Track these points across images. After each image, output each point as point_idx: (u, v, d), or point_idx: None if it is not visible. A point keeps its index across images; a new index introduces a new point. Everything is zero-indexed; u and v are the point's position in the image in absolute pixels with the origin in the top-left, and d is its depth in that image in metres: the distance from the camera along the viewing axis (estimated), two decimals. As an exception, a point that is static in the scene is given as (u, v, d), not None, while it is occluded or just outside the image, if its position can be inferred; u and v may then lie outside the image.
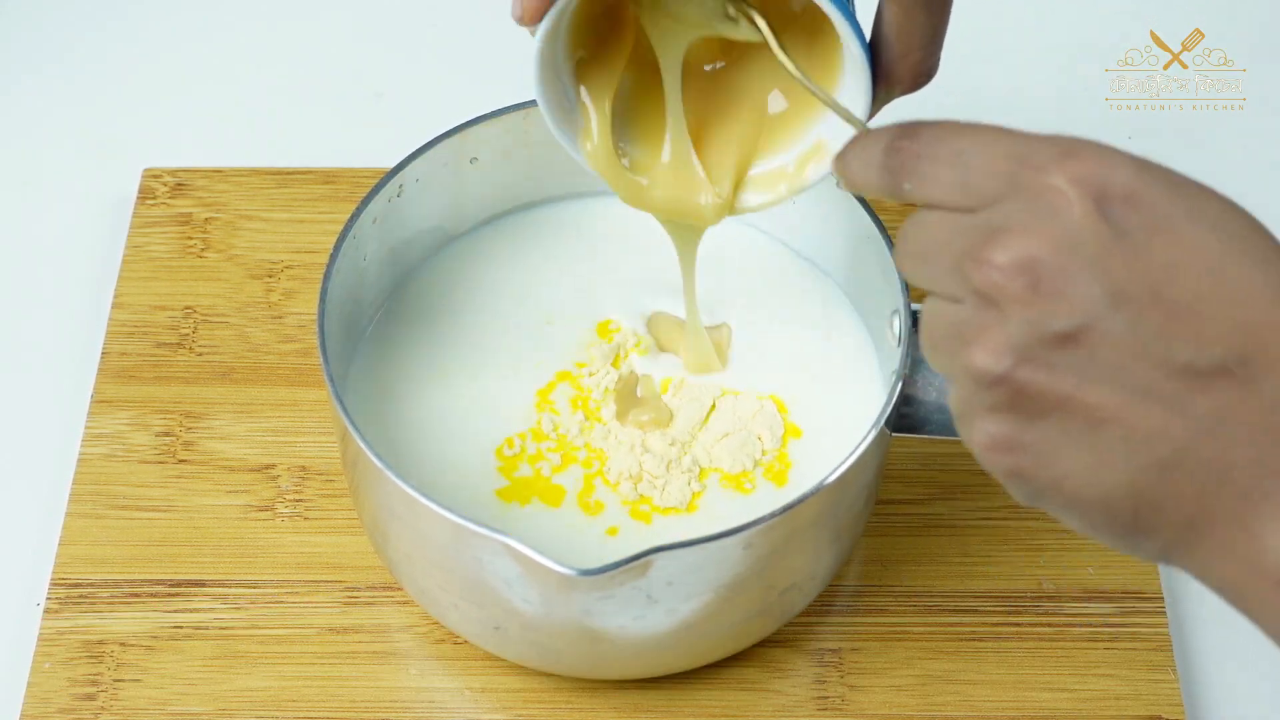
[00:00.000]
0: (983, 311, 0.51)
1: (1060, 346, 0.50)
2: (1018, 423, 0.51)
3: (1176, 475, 0.50)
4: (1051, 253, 0.49)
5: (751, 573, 0.69)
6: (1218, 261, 0.49)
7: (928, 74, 0.66)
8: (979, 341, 0.51)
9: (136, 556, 0.79)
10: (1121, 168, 0.50)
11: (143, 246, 0.90)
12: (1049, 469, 0.51)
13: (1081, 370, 0.50)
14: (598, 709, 0.75)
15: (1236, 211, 0.51)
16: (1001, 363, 0.50)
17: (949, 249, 0.52)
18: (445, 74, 1.00)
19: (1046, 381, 0.50)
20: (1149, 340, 0.49)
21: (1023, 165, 0.51)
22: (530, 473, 0.75)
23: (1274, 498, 0.49)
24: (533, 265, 0.83)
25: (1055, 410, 0.50)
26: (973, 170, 0.52)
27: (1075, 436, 0.50)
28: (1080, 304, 0.49)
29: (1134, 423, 0.49)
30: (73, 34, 1.02)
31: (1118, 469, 0.50)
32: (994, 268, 0.50)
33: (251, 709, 0.75)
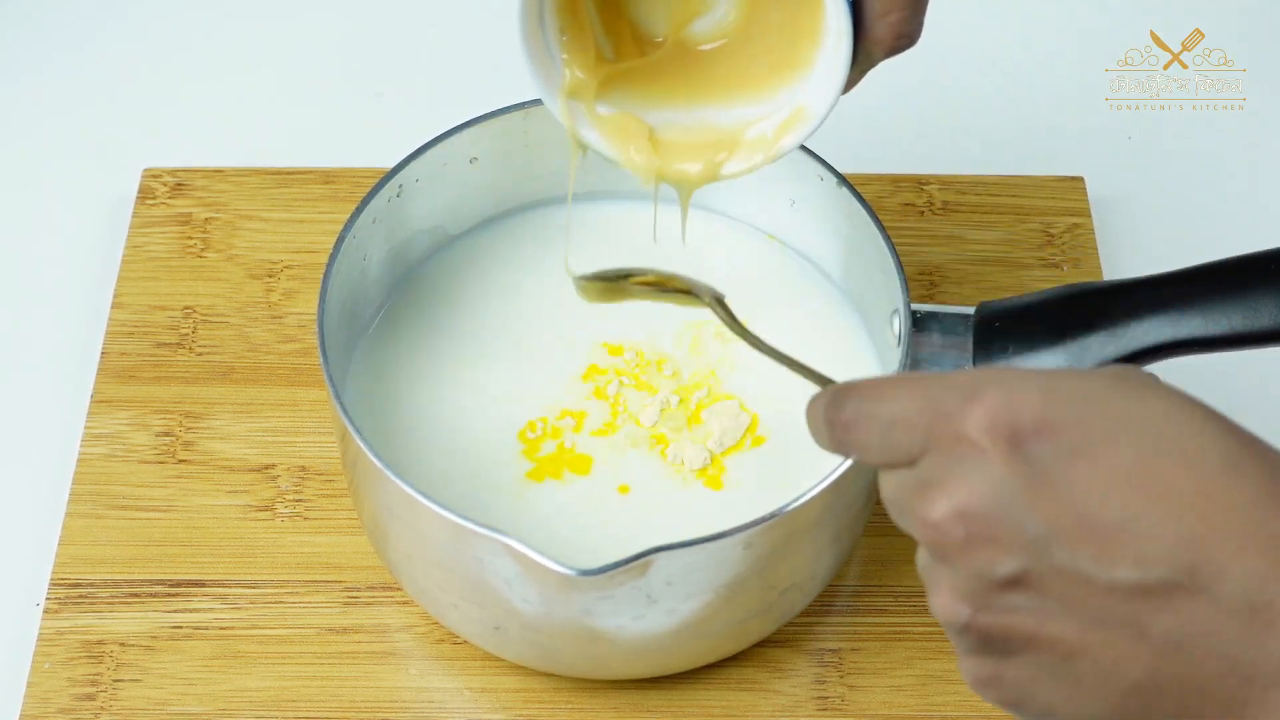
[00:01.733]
0: (937, 564, 0.52)
1: (1008, 590, 0.50)
2: (994, 662, 0.52)
3: (1155, 696, 0.49)
4: (978, 502, 0.50)
5: (751, 573, 0.69)
6: (1143, 475, 0.49)
7: (909, 37, 0.65)
8: (938, 593, 0.52)
9: (136, 556, 0.79)
10: (1028, 399, 0.50)
11: (142, 246, 0.90)
12: (1035, 700, 0.51)
13: (1036, 610, 0.50)
14: (598, 709, 0.75)
15: (1162, 403, 0.50)
16: (960, 613, 0.51)
17: (901, 506, 0.53)
18: (445, 74, 1.00)
19: (1006, 624, 0.51)
20: (1091, 570, 0.49)
21: (935, 418, 0.51)
22: (552, 448, 0.76)
23: (1251, 706, 0.48)
24: (533, 265, 0.83)
25: (1024, 649, 0.51)
26: (895, 431, 0.52)
27: (1050, 670, 0.51)
28: (1015, 548, 0.49)
29: (1099, 652, 0.50)
30: (73, 34, 1.02)
31: (1097, 696, 0.50)
32: (929, 525, 0.51)
33: (251, 709, 0.75)
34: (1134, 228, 0.93)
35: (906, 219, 0.91)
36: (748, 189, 0.82)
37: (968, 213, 0.92)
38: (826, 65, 0.66)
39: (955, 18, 0.66)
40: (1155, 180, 0.95)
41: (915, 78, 0.82)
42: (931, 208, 0.92)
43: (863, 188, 0.78)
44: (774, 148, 0.69)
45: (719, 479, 0.76)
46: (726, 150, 0.71)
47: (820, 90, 0.67)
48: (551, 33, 0.68)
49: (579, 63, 0.69)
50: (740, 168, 0.71)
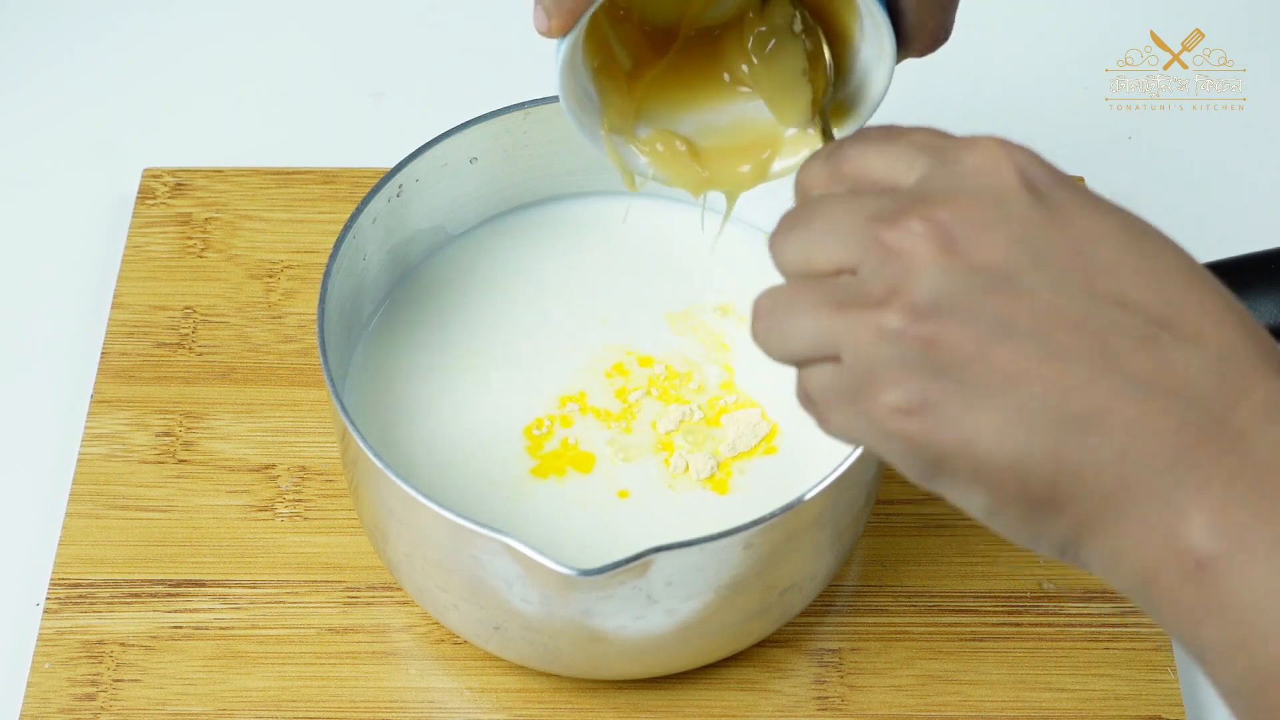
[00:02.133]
0: (887, 268, 0.49)
1: (976, 295, 0.48)
2: (927, 378, 0.48)
3: (1098, 438, 0.47)
4: (974, 211, 0.49)
5: (751, 573, 0.69)
6: (1139, 238, 0.49)
7: (944, 35, 0.65)
8: (886, 299, 0.49)
9: (136, 556, 0.79)
10: (1043, 160, 0.51)
11: (143, 246, 0.90)
12: (960, 428, 0.48)
13: (1000, 323, 0.48)
14: (598, 709, 0.75)
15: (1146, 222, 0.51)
16: (913, 312, 0.48)
17: (853, 218, 0.50)
18: (445, 74, 1.00)
19: (961, 332, 0.48)
20: (1071, 298, 0.48)
21: (951, 139, 0.51)
22: (556, 446, 0.76)
23: (1199, 468, 0.47)
24: (533, 265, 0.83)
25: (970, 363, 0.48)
26: (905, 144, 0.52)
27: (991, 392, 0.48)
28: (1001, 254, 0.48)
29: (1052, 378, 0.47)
30: (73, 34, 1.02)
31: (1033, 426, 0.47)
32: (907, 229, 0.49)
33: (251, 709, 0.75)
34: (1134, 228, 0.93)
35: (906, 219, 0.91)
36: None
37: (968, 213, 0.91)
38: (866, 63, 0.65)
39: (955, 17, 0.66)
40: (1155, 180, 0.96)
41: (915, 78, 0.82)
42: (931, 208, 0.92)
43: (863, 188, 0.78)
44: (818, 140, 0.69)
45: (725, 483, 0.76)
46: (769, 148, 0.70)
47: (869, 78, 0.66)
48: (584, 73, 0.67)
49: (613, 91, 0.68)
50: (789, 164, 0.70)
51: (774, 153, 0.70)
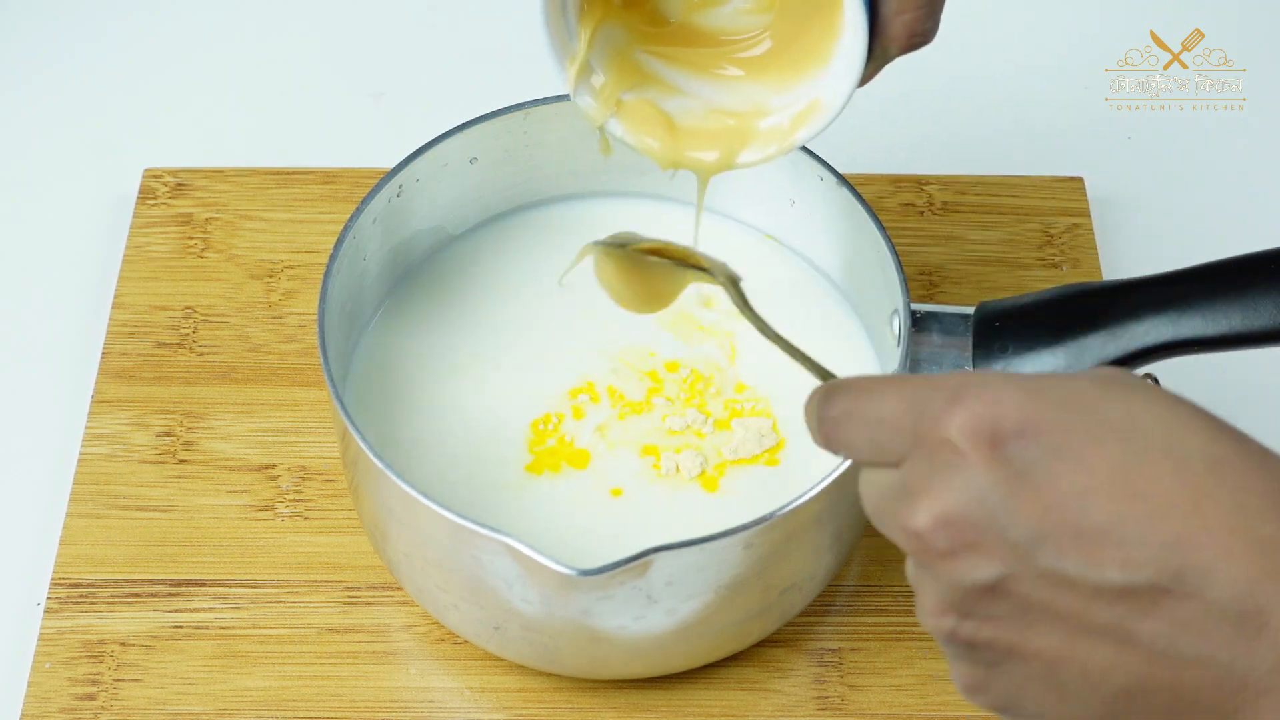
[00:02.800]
0: (920, 572, 0.51)
1: (990, 598, 0.49)
2: (982, 670, 0.51)
3: (1144, 700, 0.49)
4: (959, 509, 0.49)
5: (751, 573, 0.69)
6: (1128, 477, 0.48)
7: (924, 35, 0.65)
8: (922, 603, 0.51)
9: (137, 556, 0.79)
10: (1009, 401, 0.49)
11: (143, 246, 0.90)
12: (1025, 706, 0.51)
13: (1019, 616, 0.49)
14: (598, 709, 0.75)
15: (1144, 404, 0.49)
16: (944, 622, 0.51)
17: (886, 511, 0.52)
18: (445, 74, 1.00)
19: (989, 633, 0.50)
20: (1076, 574, 0.48)
21: (920, 419, 0.51)
22: (552, 444, 0.77)
23: (1244, 712, 0.47)
24: (533, 265, 0.83)
25: (1009, 657, 0.50)
26: (881, 430, 0.52)
27: (1036, 678, 0.50)
28: (997, 554, 0.49)
29: (1085, 659, 0.49)
30: (73, 34, 1.02)
31: (1085, 703, 0.50)
32: (913, 533, 0.50)
33: (251, 709, 0.75)
34: (1134, 228, 0.93)
35: (906, 219, 0.91)
36: (748, 189, 0.82)
37: (967, 213, 0.92)
38: (843, 59, 0.66)
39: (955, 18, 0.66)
40: (1155, 180, 0.96)
41: (915, 78, 0.82)
42: (931, 208, 0.92)
43: (863, 188, 0.78)
44: (789, 139, 0.70)
45: (715, 481, 0.76)
46: (741, 140, 0.71)
47: (836, 84, 0.67)
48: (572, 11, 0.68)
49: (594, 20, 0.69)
50: (755, 157, 0.71)
51: (744, 145, 0.71)
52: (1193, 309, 0.69)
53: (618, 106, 0.71)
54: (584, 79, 0.70)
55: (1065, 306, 0.72)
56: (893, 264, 0.74)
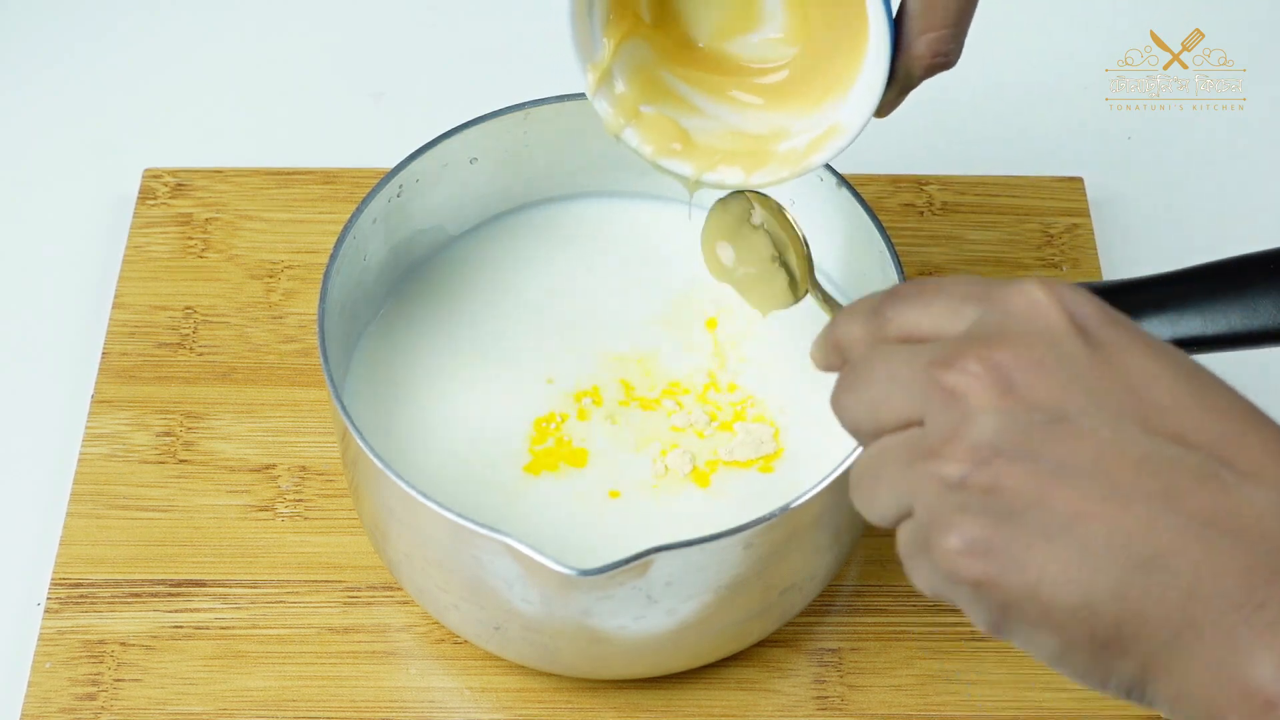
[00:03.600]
0: (948, 414, 0.49)
1: (1033, 438, 0.48)
2: (990, 523, 0.48)
3: (1163, 577, 0.47)
4: (1028, 352, 0.49)
5: (751, 573, 0.69)
6: (1192, 378, 0.49)
7: (947, 56, 0.65)
8: (947, 446, 0.49)
9: (137, 556, 0.80)
10: (1093, 299, 0.50)
11: (143, 247, 0.90)
12: (1024, 572, 0.48)
13: (1060, 464, 0.48)
14: (598, 709, 0.75)
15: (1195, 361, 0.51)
16: (974, 458, 0.49)
17: (914, 368, 0.51)
18: (445, 74, 1.00)
19: (1022, 475, 0.48)
20: (1129, 436, 0.48)
21: (995, 285, 0.51)
22: (551, 444, 0.77)
23: (1268, 608, 0.47)
24: (533, 266, 0.83)
25: (1032, 507, 0.48)
26: (950, 296, 0.52)
27: (1054, 534, 0.48)
28: (1056, 395, 0.48)
29: (1115, 519, 0.47)
30: (74, 35, 1.02)
31: (1099, 568, 0.48)
32: (964, 371, 0.49)
33: (251, 709, 0.76)
34: (1133, 228, 0.93)
35: (906, 219, 0.91)
36: (748, 189, 0.82)
37: (967, 213, 0.92)
38: (864, 82, 0.66)
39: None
40: (1155, 180, 0.96)
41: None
42: (931, 208, 0.92)
43: (863, 188, 0.78)
44: (802, 163, 0.70)
45: (707, 477, 0.76)
46: (757, 162, 0.71)
47: (856, 107, 0.67)
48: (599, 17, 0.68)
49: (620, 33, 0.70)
50: (768, 179, 0.71)
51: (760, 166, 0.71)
52: (1192, 309, 0.69)
53: (636, 117, 0.71)
54: (605, 85, 0.70)
55: (1065, 306, 0.72)
56: (893, 264, 0.74)
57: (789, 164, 0.70)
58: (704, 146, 0.72)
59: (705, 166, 0.72)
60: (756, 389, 0.79)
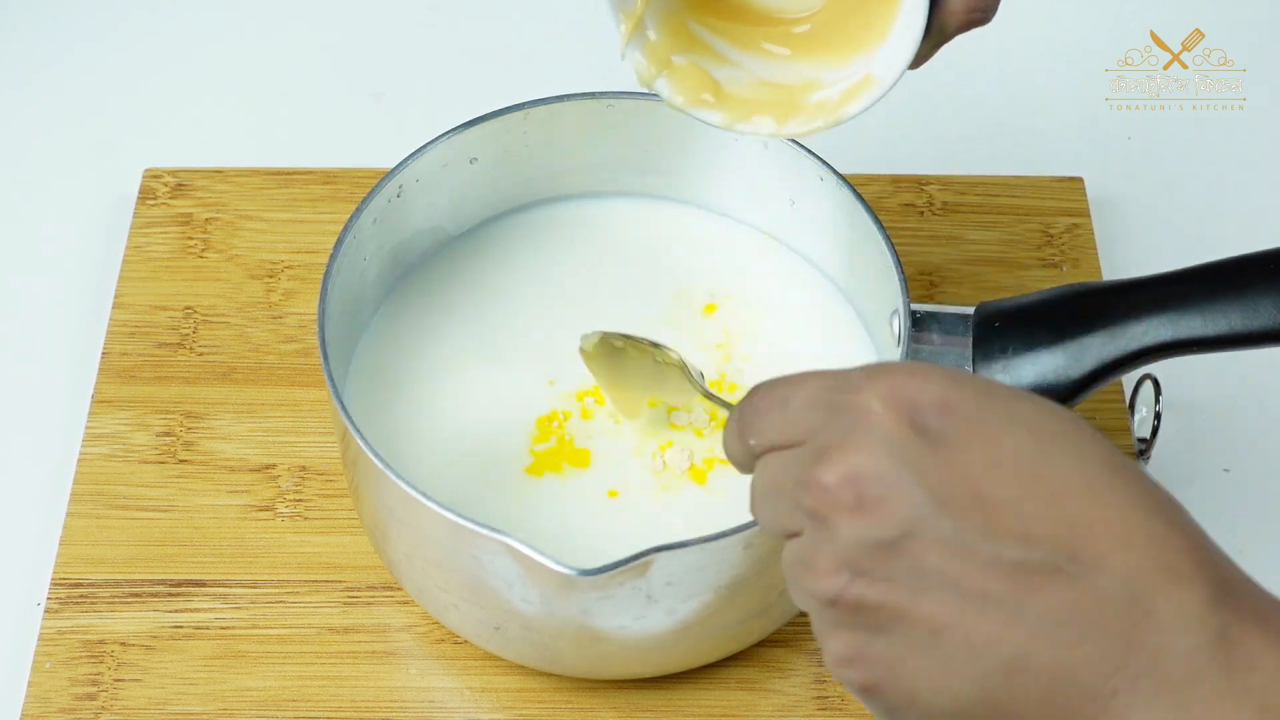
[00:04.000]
0: (817, 533, 0.51)
1: (888, 556, 0.49)
2: (862, 637, 0.51)
3: (1023, 679, 0.49)
4: (872, 465, 0.50)
5: (751, 573, 0.69)
6: (1035, 461, 0.49)
7: (984, 11, 0.65)
8: (815, 563, 0.51)
9: (137, 556, 0.80)
10: (932, 381, 0.51)
11: (143, 247, 0.90)
12: (899, 681, 0.50)
13: (913, 579, 0.49)
14: (598, 709, 0.75)
15: (1053, 412, 0.51)
16: (836, 580, 0.50)
17: (785, 484, 0.52)
18: (445, 74, 1.00)
19: (880, 594, 0.50)
20: (975, 542, 0.49)
21: (836, 391, 0.52)
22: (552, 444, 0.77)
23: (1121, 696, 0.48)
24: (533, 265, 0.83)
25: (895, 621, 0.50)
26: (793, 408, 0.53)
27: (918, 646, 0.50)
28: (903, 510, 0.49)
29: (972, 628, 0.49)
30: (73, 34, 1.02)
31: (964, 676, 0.49)
32: (820, 486, 0.50)
33: (252, 709, 0.76)
34: (1133, 228, 0.93)
35: (906, 219, 0.91)
36: (747, 188, 0.82)
37: (967, 213, 0.92)
38: (900, 34, 0.66)
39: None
40: (1155, 180, 0.96)
41: (915, 78, 0.82)
42: (931, 208, 0.92)
43: (863, 188, 0.78)
44: (836, 112, 0.69)
45: (704, 474, 0.76)
46: (788, 111, 0.71)
47: (891, 59, 0.66)
48: None
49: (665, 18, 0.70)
50: (801, 129, 0.71)
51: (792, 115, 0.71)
52: (1192, 309, 0.69)
53: (668, 67, 0.71)
54: (636, 36, 0.70)
55: (1065, 307, 0.72)
56: (893, 264, 0.74)
57: (822, 114, 0.70)
58: (736, 97, 0.71)
59: (737, 117, 0.71)
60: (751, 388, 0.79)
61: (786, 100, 0.71)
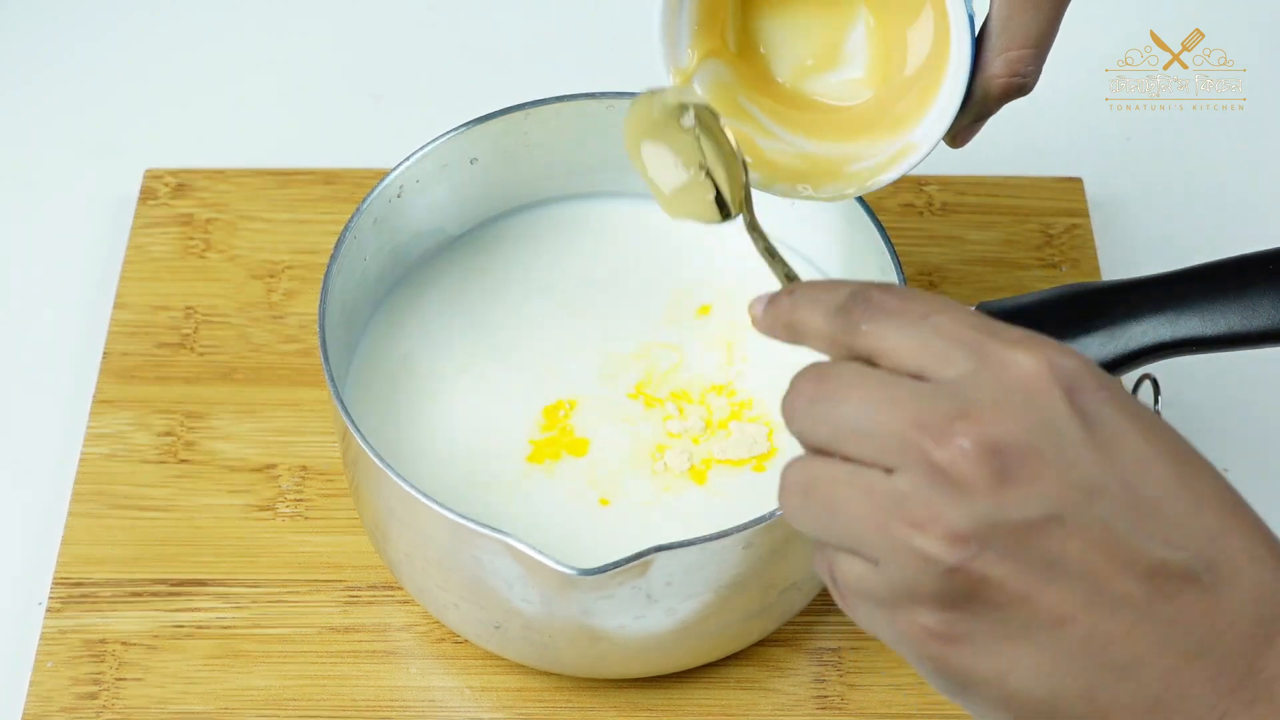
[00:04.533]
0: (936, 490, 0.47)
1: (1026, 537, 0.47)
2: (968, 615, 0.47)
3: (1132, 685, 0.47)
4: (1024, 437, 0.47)
5: (751, 573, 0.69)
6: (1181, 465, 0.48)
7: (1024, 78, 0.64)
8: (933, 524, 0.47)
9: (138, 556, 0.80)
10: (1087, 363, 0.48)
11: (144, 247, 0.90)
12: (994, 660, 0.47)
13: (1047, 565, 0.47)
14: (598, 709, 0.75)
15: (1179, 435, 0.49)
16: (961, 550, 0.47)
17: (895, 417, 0.48)
18: (445, 74, 1.00)
19: (1007, 573, 0.47)
20: (1121, 537, 0.47)
21: (989, 338, 0.48)
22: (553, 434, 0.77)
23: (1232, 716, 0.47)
24: (533, 265, 0.83)
25: (1014, 604, 0.47)
26: (931, 330, 0.49)
27: (1030, 633, 0.47)
28: (1053, 492, 0.47)
29: (1096, 625, 0.47)
30: (73, 34, 1.02)
31: (1072, 672, 0.47)
32: (958, 448, 0.47)
33: (252, 708, 0.76)
34: (1133, 228, 0.93)
35: (906, 219, 0.91)
36: (748, 189, 0.82)
37: (967, 213, 0.92)
38: (940, 102, 0.66)
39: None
40: (1155, 180, 0.96)
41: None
42: (931, 208, 0.92)
43: (862, 188, 0.78)
44: (870, 181, 0.69)
45: (704, 474, 0.76)
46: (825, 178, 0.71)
47: (929, 127, 0.67)
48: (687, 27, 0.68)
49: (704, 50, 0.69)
50: (833, 195, 0.70)
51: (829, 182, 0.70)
52: (1191, 309, 0.69)
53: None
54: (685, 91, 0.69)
55: (1064, 306, 0.72)
56: (892, 264, 0.74)
57: (856, 181, 0.70)
58: (775, 163, 0.71)
59: (774, 179, 0.71)
60: (753, 388, 0.79)
61: (825, 170, 0.71)
